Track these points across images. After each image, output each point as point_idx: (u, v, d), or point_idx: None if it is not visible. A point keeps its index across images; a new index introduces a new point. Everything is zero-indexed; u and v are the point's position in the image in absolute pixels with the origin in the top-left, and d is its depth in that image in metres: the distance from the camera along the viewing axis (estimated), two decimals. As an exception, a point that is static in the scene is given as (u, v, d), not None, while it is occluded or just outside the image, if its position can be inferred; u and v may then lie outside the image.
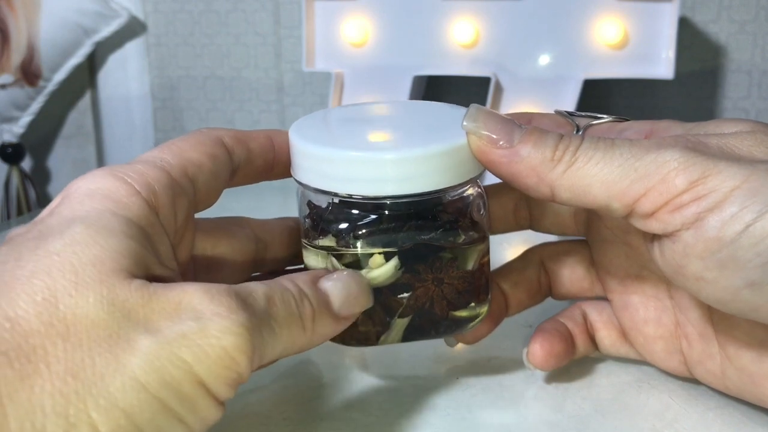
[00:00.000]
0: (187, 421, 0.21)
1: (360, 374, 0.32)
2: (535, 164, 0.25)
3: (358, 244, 0.26)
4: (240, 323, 0.21)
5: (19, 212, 0.85)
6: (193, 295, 0.21)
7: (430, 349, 0.33)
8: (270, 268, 0.31)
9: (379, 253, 0.26)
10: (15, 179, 0.85)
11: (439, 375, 0.32)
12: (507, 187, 0.32)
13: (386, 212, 0.27)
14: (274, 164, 0.29)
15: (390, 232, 0.26)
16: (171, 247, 0.24)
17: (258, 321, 0.22)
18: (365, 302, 0.26)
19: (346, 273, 0.26)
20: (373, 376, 0.32)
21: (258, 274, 0.31)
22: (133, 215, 0.23)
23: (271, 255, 0.31)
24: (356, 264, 0.27)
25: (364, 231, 0.26)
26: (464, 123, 0.26)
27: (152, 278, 0.22)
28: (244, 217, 0.31)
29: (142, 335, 0.20)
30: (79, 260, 0.21)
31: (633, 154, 0.24)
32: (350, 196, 0.26)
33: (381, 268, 0.27)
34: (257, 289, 0.23)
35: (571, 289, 0.33)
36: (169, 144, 0.26)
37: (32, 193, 0.87)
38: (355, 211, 0.27)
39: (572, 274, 0.32)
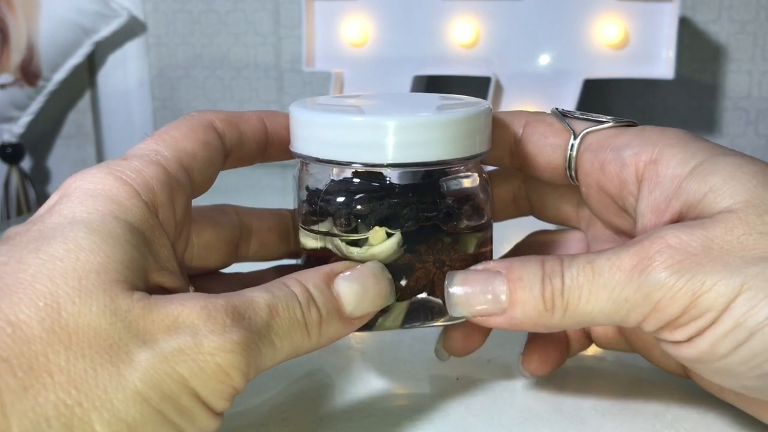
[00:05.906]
0: None
1: (359, 375, 0.32)
2: (535, 319, 0.25)
3: (358, 219, 0.26)
4: (234, 341, 0.21)
5: (19, 212, 0.85)
6: (191, 311, 0.21)
7: (430, 349, 0.33)
8: (260, 255, 0.31)
9: (380, 227, 0.25)
10: (15, 179, 0.85)
11: (439, 375, 0.32)
12: (506, 176, 0.32)
13: (387, 186, 0.26)
14: (267, 146, 0.29)
15: (391, 208, 0.26)
16: (171, 246, 0.24)
17: (255, 337, 0.22)
18: (383, 302, 0.26)
19: (365, 269, 0.25)
20: (373, 376, 0.32)
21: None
22: (134, 219, 0.23)
23: (259, 240, 0.30)
24: (355, 241, 0.26)
25: (363, 204, 0.26)
26: (450, 290, 0.26)
27: (153, 286, 0.22)
28: (229, 204, 0.30)
29: (140, 348, 0.20)
30: (82, 267, 0.20)
31: (617, 282, 0.23)
32: (350, 164, 0.25)
33: (383, 244, 0.26)
34: (260, 299, 0.23)
35: None
36: (162, 133, 0.26)
37: (32, 193, 0.87)
38: (354, 186, 0.26)
39: None
